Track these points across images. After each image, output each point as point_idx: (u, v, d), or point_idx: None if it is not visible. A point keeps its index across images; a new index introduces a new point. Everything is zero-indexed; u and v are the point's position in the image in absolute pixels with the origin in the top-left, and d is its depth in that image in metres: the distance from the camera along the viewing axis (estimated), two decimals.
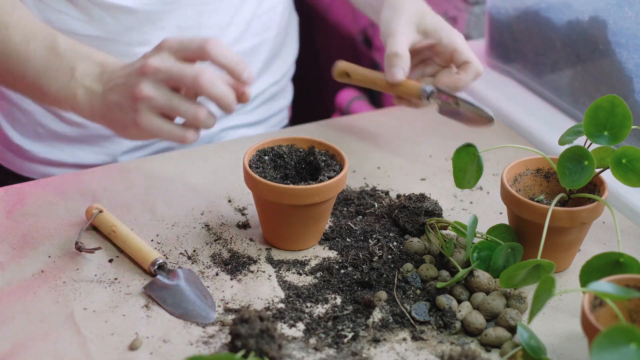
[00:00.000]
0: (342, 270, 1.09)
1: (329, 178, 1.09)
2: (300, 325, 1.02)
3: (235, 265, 1.10)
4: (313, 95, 2.05)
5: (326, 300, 1.05)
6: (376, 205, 1.19)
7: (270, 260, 1.11)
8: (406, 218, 1.14)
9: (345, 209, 1.19)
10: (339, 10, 2.09)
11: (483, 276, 1.04)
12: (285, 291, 1.06)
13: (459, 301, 1.04)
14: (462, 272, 1.03)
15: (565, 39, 1.38)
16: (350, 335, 1.00)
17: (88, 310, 1.02)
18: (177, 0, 1.31)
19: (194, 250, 1.12)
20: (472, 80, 1.22)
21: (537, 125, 1.39)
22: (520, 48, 1.48)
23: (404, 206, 1.15)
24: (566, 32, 1.37)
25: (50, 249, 1.11)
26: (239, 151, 1.30)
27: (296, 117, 1.63)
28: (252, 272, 1.09)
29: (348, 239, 1.14)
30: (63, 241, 1.12)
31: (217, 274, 1.08)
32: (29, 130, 1.39)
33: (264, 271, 1.09)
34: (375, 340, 1.00)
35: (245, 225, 1.16)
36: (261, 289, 1.06)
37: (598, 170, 1.06)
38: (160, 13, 1.30)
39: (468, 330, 1.01)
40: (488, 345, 0.99)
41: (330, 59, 1.38)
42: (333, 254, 1.12)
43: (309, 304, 1.05)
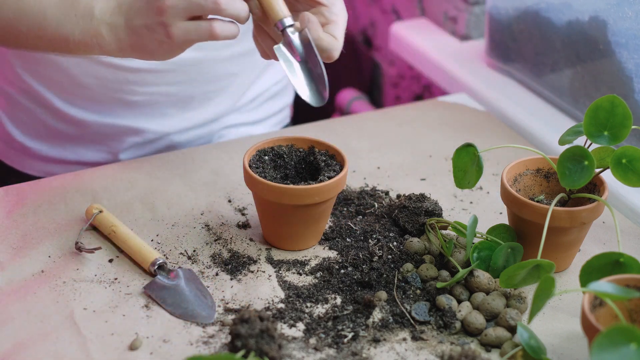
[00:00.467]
0: (342, 270, 1.09)
1: (329, 178, 1.09)
2: (300, 325, 1.02)
3: (235, 265, 1.10)
4: None
5: (326, 300, 1.05)
6: (376, 205, 1.19)
7: (270, 260, 1.11)
8: (406, 218, 1.14)
9: (345, 209, 1.19)
10: None
11: (483, 276, 1.04)
12: (285, 291, 1.06)
13: (459, 301, 1.04)
14: (462, 272, 1.03)
15: (565, 39, 1.38)
16: (350, 335, 1.00)
17: (88, 310, 1.02)
18: None
19: (194, 250, 1.12)
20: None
21: (537, 125, 1.39)
22: (520, 48, 1.48)
23: (404, 206, 1.15)
24: (566, 32, 1.37)
25: (50, 249, 1.11)
26: (239, 151, 1.30)
27: (296, 117, 1.63)
28: (252, 272, 1.09)
29: (348, 239, 1.14)
30: (63, 241, 1.12)
31: (217, 274, 1.08)
32: (30, 128, 1.39)
33: (264, 271, 1.09)
34: (375, 340, 1.00)
35: (245, 225, 1.16)
36: (261, 289, 1.06)
37: (598, 170, 1.06)
38: None
39: (468, 330, 1.01)
40: (488, 345, 0.99)
41: None
42: (333, 254, 1.12)
43: (309, 304, 1.05)
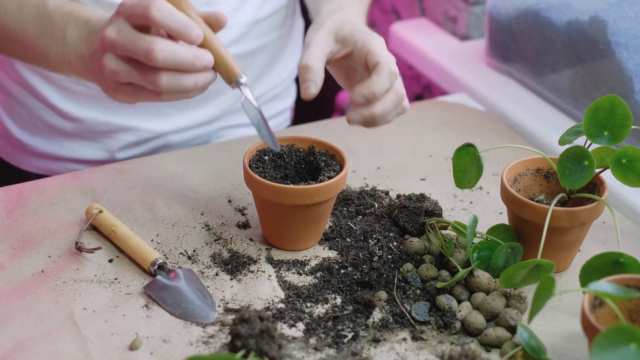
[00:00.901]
0: (342, 270, 1.09)
1: (329, 178, 1.09)
2: (300, 325, 1.02)
3: (235, 265, 1.10)
4: None
5: (326, 300, 1.05)
6: (376, 205, 1.19)
7: (270, 260, 1.11)
8: (406, 218, 1.14)
9: (345, 209, 1.19)
10: None
11: (483, 276, 1.04)
12: (285, 291, 1.06)
13: (459, 301, 1.04)
14: (462, 272, 1.03)
15: (565, 39, 1.38)
16: (350, 335, 1.00)
17: (88, 310, 1.02)
18: None
19: (194, 250, 1.12)
20: (387, 81, 1.06)
21: (537, 125, 1.39)
22: (520, 48, 1.48)
23: (404, 206, 1.15)
24: (566, 32, 1.37)
25: (50, 249, 1.11)
26: (239, 151, 1.30)
27: (296, 118, 1.63)
28: (252, 272, 1.09)
29: (348, 239, 1.14)
30: (63, 241, 1.12)
31: (217, 274, 1.08)
32: (28, 124, 1.39)
33: (264, 271, 1.09)
34: (375, 340, 1.00)
35: (245, 225, 1.16)
36: (261, 289, 1.06)
37: (598, 170, 1.06)
38: None
39: (468, 330, 1.01)
40: (488, 345, 0.99)
41: None
42: (333, 254, 1.12)
43: (309, 304, 1.05)
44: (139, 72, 1.00)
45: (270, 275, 1.09)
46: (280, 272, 1.09)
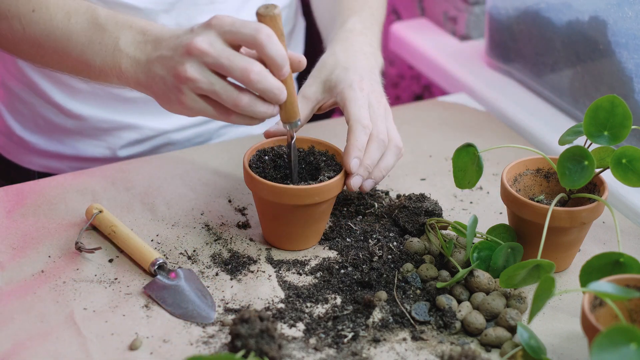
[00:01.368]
0: (342, 270, 1.09)
1: (329, 178, 1.09)
2: (300, 325, 1.02)
3: (235, 265, 1.10)
4: None
5: (326, 300, 1.05)
6: (376, 205, 1.19)
7: (270, 260, 1.11)
8: (406, 218, 1.14)
9: (345, 209, 1.19)
10: None
11: (483, 276, 1.04)
12: (285, 291, 1.06)
13: (459, 301, 1.04)
14: (462, 272, 1.03)
15: (565, 39, 1.38)
16: (350, 335, 1.00)
17: (88, 310, 1.02)
18: (180, 0, 1.31)
19: (194, 250, 1.12)
20: (363, 136, 1.09)
21: (537, 125, 1.39)
22: (520, 48, 1.48)
23: (404, 206, 1.15)
24: (566, 32, 1.37)
25: (50, 249, 1.11)
26: (239, 151, 1.30)
27: None
28: (252, 272, 1.09)
29: (348, 239, 1.14)
30: (63, 241, 1.12)
31: (217, 274, 1.08)
32: (29, 121, 1.39)
33: (264, 271, 1.09)
34: (375, 340, 1.00)
35: (245, 225, 1.16)
36: (261, 289, 1.06)
37: (598, 170, 1.06)
38: (161, 12, 1.30)
39: (468, 330, 1.01)
40: (488, 345, 0.99)
41: None
42: (333, 254, 1.12)
43: (309, 304, 1.05)
44: (224, 87, 1.01)
45: (270, 275, 1.09)
46: (280, 272, 1.09)
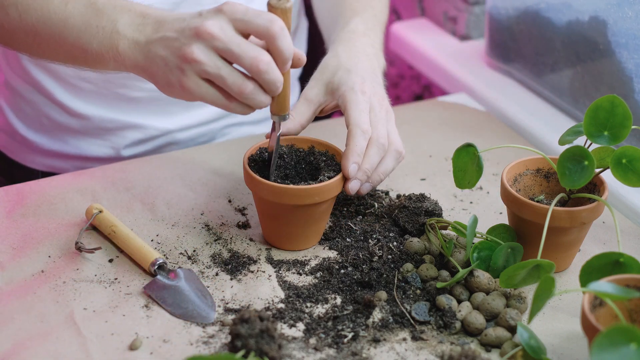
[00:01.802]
0: (342, 270, 1.09)
1: (329, 178, 1.09)
2: (300, 325, 1.02)
3: (235, 265, 1.10)
4: None
5: (326, 300, 1.05)
6: (376, 205, 1.19)
7: (270, 260, 1.11)
8: (406, 218, 1.14)
9: (345, 209, 1.19)
10: None
11: (483, 276, 1.04)
12: (285, 291, 1.06)
13: (459, 301, 1.04)
14: (462, 272, 1.03)
15: (565, 39, 1.38)
16: (350, 335, 1.00)
17: (88, 310, 1.02)
18: (185, 0, 1.31)
19: (194, 250, 1.12)
20: (362, 140, 1.10)
21: (537, 125, 1.39)
22: (520, 48, 1.48)
23: (404, 206, 1.15)
24: (566, 32, 1.37)
25: (50, 249, 1.11)
26: (239, 151, 1.30)
27: None
28: (252, 272, 1.09)
29: (348, 239, 1.14)
30: (63, 241, 1.12)
31: (217, 274, 1.08)
32: (33, 121, 1.39)
33: (264, 271, 1.09)
34: (375, 340, 1.00)
35: (245, 225, 1.16)
36: (261, 289, 1.06)
37: (598, 170, 1.07)
38: (167, 11, 1.30)
39: (468, 330, 1.01)
40: (488, 345, 0.99)
41: None
42: (333, 254, 1.12)
43: (309, 304, 1.05)
44: (230, 72, 1.01)
45: (270, 275, 1.09)
46: (280, 272, 1.09)
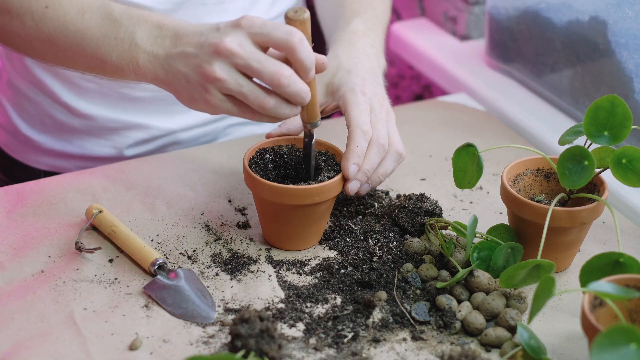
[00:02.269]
0: (342, 270, 1.09)
1: (329, 178, 1.09)
2: (300, 325, 1.02)
3: (235, 265, 1.10)
4: None
5: (326, 300, 1.05)
6: (376, 205, 1.19)
7: (270, 260, 1.11)
8: (406, 218, 1.14)
9: (345, 209, 1.19)
10: None
11: (483, 276, 1.04)
12: (285, 291, 1.06)
13: (459, 301, 1.04)
14: (462, 272, 1.03)
15: (565, 39, 1.38)
16: (350, 335, 1.00)
17: (88, 310, 1.02)
18: (188, 0, 1.31)
19: (194, 250, 1.12)
20: (363, 141, 1.10)
21: (537, 125, 1.39)
22: (520, 48, 1.48)
23: (404, 206, 1.15)
24: (566, 32, 1.37)
25: (50, 249, 1.11)
26: (239, 151, 1.30)
27: None
28: (252, 272, 1.09)
29: (348, 239, 1.14)
30: (63, 241, 1.12)
31: (217, 274, 1.08)
32: (36, 121, 1.39)
33: (264, 271, 1.09)
34: (375, 340, 1.00)
35: (245, 225, 1.16)
36: (261, 289, 1.06)
37: (598, 170, 1.07)
38: (169, 12, 1.30)
39: (468, 330, 1.01)
40: (488, 345, 0.99)
41: None
42: (333, 254, 1.12)
43: (309, 304, 1.05)
44: (251, 89, 1.02)
45: (270, 275, 1.09)
46: (280, 272, 1.09)
